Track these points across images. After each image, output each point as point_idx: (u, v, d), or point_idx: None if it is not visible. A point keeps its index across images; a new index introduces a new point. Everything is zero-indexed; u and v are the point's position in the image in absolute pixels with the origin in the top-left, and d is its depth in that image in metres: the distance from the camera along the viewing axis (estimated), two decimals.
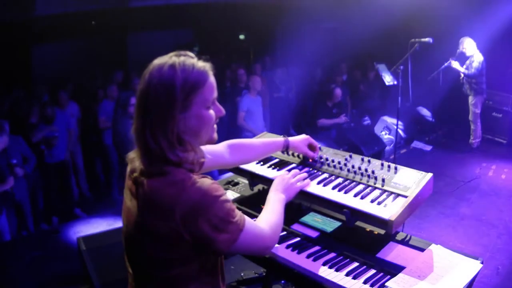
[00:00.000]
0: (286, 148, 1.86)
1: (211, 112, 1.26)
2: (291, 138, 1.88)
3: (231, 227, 1.21)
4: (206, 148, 1.58)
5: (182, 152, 1.20)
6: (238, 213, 1.25)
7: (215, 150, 1.68)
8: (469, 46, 6.38)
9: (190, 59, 1.23)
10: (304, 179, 1.72)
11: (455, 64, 6.52)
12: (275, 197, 1.55)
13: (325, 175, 1.81)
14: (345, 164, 1.83)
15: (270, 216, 1.44)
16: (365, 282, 1.43)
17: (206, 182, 1.20)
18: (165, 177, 1.18)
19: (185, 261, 1.22)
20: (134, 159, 1.27)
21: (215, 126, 1.31)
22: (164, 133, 1.17)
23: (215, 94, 1.27)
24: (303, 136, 1.91)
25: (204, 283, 1.28)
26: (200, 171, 1.31)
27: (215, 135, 1.31)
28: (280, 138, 1.87)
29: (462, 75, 6.55)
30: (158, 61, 1.22)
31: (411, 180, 1.66)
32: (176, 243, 1.18)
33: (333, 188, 1.71)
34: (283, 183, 1.63)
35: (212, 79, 1.26)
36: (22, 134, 4.79)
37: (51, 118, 5.14)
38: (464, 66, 6.46)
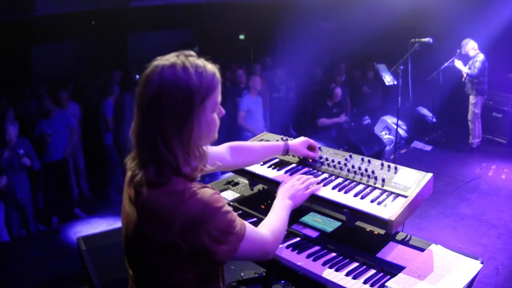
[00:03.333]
0: (286, 152, 1.87)
1: (215, 115, 1.24)
2: (290, 142, 1.89)
3: (231, 238, 1.18)
4: (208, 150, 1.58)
5: (194, 160, 1.17)
6: (239, 222, 1.22)
7: (217, 152, 1.68)
8: (471, 47, 6.39)
9: (200, 61, 1.18)
10: (317, 183, 1.68)
11: (458, 64, 6.52)
12: (281, 203, 1.52)
13: (325, 175, 1.81)
14: (345, 164, 1.83)
15: (274, 221, 1.42)
16: (365, 282, 1.43)
17: (206, 193, 1.16)
18: (164, 187, 1.15)
19: (183, 270, 1.20)
20: (133, 167, 1.21)
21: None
22: (180, 140, 1.13)
23: (220, 97, 1.25)
24: (302, 139, 1.91)
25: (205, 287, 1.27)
26: (201, 173, 1.30)
27: (216, 135, 1.30)
28: (280, 142, 1.88)
29: (465, 75, 6.55)
30: (164, 61, 1.16)
31: (411, 180, 1.66)
32: (174, 253, 1.15)
33: (333, 188, 1.71)
34: (291, 190, 1.60)
35: (220, 82, 1.23)
36: (29, 137, 4.85)
37: (49, 112, 5.14)
38: (467, 66, 6.46)
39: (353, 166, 1.80)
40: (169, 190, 1.14)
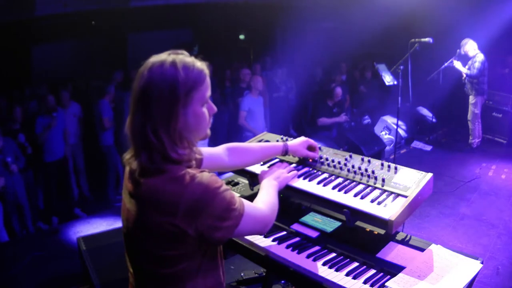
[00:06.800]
0: (285, 153, 1.88)
1: (205, 109, 1.29)
2: (289, 143, 1.89)
3: (233, 213, 1.24)
4: (206, 150, 1.61)
5: (181, 149, 1.22)
6: (238, 199, 1.29)
7: (215, 153, 1.70)
8: (471, 47, 6.38)
9: (188, 58, 1.26)
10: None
11: (457, 64, 6.52)
12: (268, 183, 1.61)
13: (325, 175, 1.82)
14: (345, 164, 1.83)
15: (266, 197, 1.49)
16: (365, 282, 1.43)
17: (205, 175, 1.22)
18: (164, 175, 1.19)
19: (188, 256, 1.24)
20: (130, 160, 1.27)
21: (210, 122, 1.35)
22: (167, 129, 1.19)
23: (210, 92, 1.31)
24: (301, 139, 1.91)
25: (206, 276, 1.30)
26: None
27: (209, 131, 1.35)
28: (279, 143, 1.89)
29: (464, 75, 6.55)
30: (156, 58, 1.24)
31: (411, 180, 1.66)
32: (180, 239, 1.19)
33: (333, 188, 1.71)
34: (272, 172, 1.71)
35: (208, 77, 1.29)
36: (12, 136, 4.84)
37: (51, 110, 5.13)
38: (467, 67, 6.46)
39: (353, 166, 1.80)
40: (170, 177, 1.19)
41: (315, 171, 1.86)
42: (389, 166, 1.76)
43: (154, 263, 1.24)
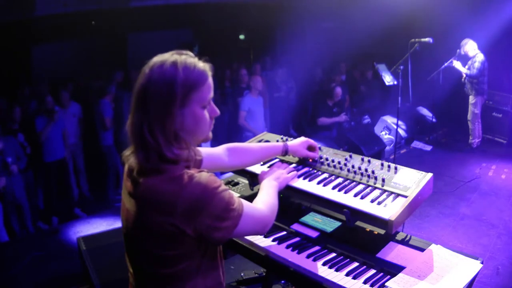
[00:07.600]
0: (285, 153, 1.88)
1: (206, 111, 1.28)
2: (289, 143, 1.90)
3: (232, 214, 1.24)
4: (205, 151, 1.61)
5: (177, 149, 1.21)
6: (236, 199, 1.28)
7: (214, 153, 1.70)
8: (471, 47, 6.38)
9: (191, 58, 1.25)
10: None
11: (457, 64, 6.53)
12: (268, 183, 1.61)
13: (325, 175, 1.82)
14: (345, 164, 1.83)
15: (266, 197, 1.49)
16: (365, 282, 1.43)
17: (203, 175, 1.22)
18: (163, 175, 1.19)
19: (188, 256, 1.24)
20: (129, 157, 1.27)
21: (211, 125, 1.33)
22: (162, 128, 1.19)
23: (212, 94, 1.29)
24: (301, 139, 1.91)
25: (206, 276, 1.30)
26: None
27: (210, 134, 1.33)
28: (279, 143, 1.89)
29: (464, 75, 6.55)
30: (158, 58, 1.24)
31: (411, 180, 1.66)
32: (179, 239, 1.19)
33: (333, 188, 1.71)
34: (272, 173, 1.71)
35: (210, 79, 1.28)
36: (13, 136, 4.84)
37: (52, 111, 5.14)
38: (466, 67, 6.47)
39: (353, 166, 1.80)
40: (168, 177, 1.19)
41: (315, 171, 1.86)
42: (389, 166, 1.76)
43: (154, 263, 1.24)
